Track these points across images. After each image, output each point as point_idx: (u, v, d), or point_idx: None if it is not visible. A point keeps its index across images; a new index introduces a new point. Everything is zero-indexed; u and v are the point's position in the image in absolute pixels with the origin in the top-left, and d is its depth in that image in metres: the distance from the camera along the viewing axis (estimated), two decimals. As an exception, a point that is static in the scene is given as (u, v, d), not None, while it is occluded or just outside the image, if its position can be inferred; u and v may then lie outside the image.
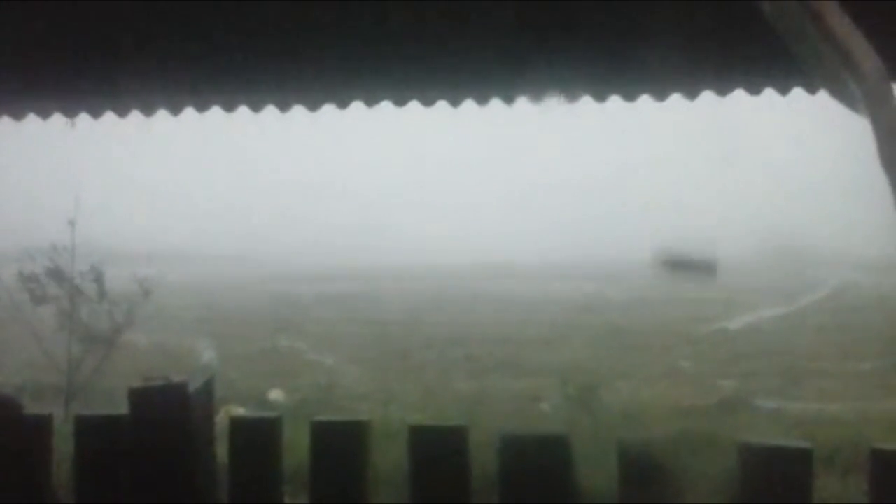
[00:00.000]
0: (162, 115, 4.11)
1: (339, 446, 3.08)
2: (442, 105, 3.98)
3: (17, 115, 4.23)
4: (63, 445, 3.24)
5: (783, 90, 3.75)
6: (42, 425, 3.19)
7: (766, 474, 2.76)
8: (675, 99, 3.87)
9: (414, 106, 3.99)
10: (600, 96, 3.85)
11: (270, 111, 4.11)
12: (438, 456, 3.01)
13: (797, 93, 3.71)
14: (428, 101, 3.98)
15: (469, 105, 3.95)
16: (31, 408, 3.27)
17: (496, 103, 3.92)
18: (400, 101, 3.98)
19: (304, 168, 35.71)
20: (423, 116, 4.10)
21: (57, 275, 12.08)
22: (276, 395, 13.16)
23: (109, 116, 4.17)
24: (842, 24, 1.24)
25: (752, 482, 2.78)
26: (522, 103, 3.89)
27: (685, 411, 11.86)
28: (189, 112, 4.13)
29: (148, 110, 4.13)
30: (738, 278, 18.64)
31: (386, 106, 3.98)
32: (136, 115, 4.15)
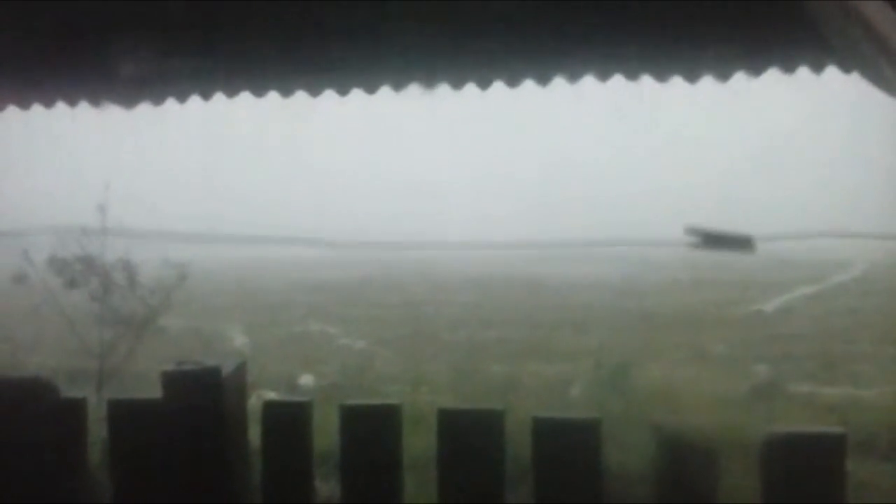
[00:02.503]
0: (170, 103, 4.12)
1: (370, 430, 3.09)
2: (470, 88, 3.95)
3: (23, 104, 4.26)
4: (96, 428, 3.29)
5: (817, 69, 3.68)
6: (77, 408, 3.25)
7: (800, 459, 2.74)
8: (707, 81, 3.82)
9: (443, 90, 3.97)
10: (632, 76, 3.80)
11: (301, 97, 4.11)
12: (471, 440, 3.01)
13: (831, 71, 3.64)
14: (457, 85, 3.96)
15: (498, 87, 3.93)
16: (66, 391, 3.32)
17: (528, 84, 3.89)
18: (429, 84, 3.96)
19: (334, 153, 35.78)
20: (451, 100, 4.08)
21: (87, 259, 12.16)
22: (306, 379, 13.22)
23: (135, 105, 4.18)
24: (877, 9, 1.22)
25: (786, 467, 2.76)
26: (546, 85, 3.87)
27: (718, 395, 11.78)
28: (196, 99, 4.14)
29: (157, 100, 4.13)
30: (774, 260, 18.47)
31: (413, 90, 3.96)
32: (139, 104, 4.16)
